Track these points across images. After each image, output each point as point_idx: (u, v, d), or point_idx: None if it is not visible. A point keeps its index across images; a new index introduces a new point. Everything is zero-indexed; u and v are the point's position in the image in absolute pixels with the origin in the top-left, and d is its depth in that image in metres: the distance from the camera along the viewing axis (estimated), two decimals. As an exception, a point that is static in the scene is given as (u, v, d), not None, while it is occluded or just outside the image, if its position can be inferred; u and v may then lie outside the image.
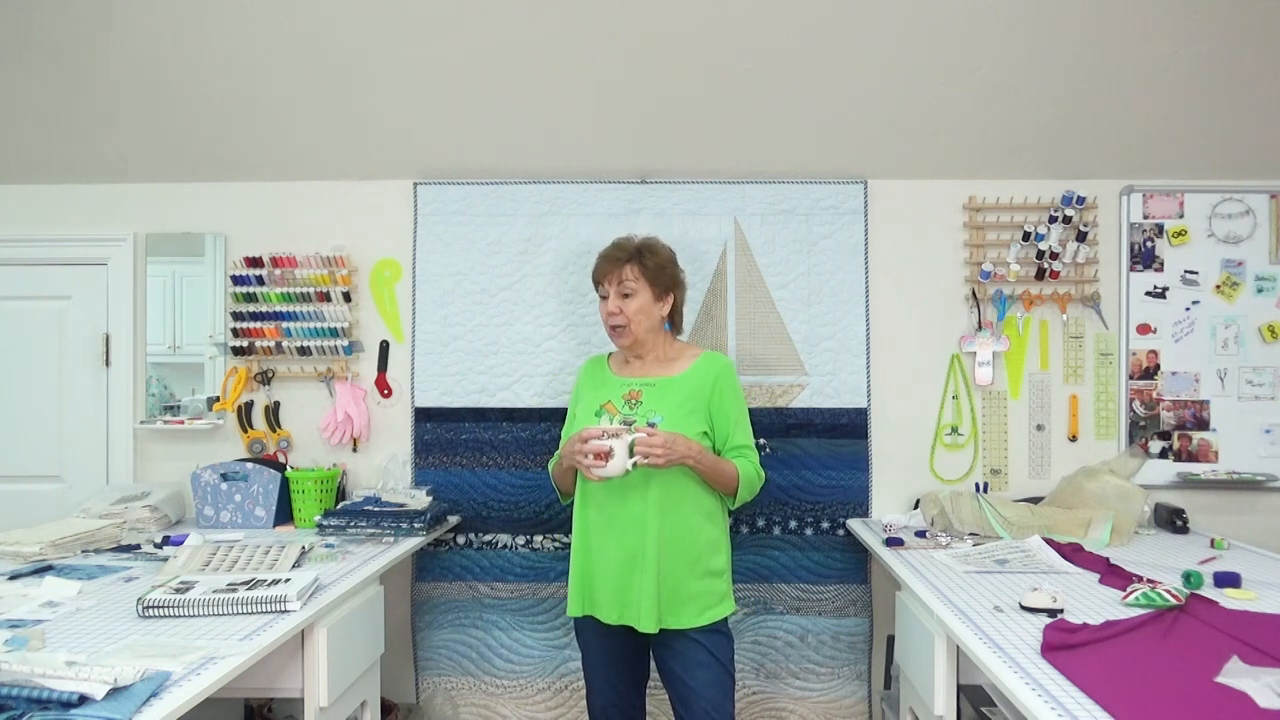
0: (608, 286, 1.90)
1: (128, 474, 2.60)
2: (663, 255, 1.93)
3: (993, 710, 1.85)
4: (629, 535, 1.77)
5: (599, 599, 1.81)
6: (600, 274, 1.92)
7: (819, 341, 2.53)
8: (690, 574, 1.78)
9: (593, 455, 1.68)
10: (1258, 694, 1.09)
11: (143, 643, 1.31)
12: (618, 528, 1.79)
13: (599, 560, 1.81)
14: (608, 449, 1.67)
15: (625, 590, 1.78)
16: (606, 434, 1.69)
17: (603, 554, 1.80)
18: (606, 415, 1.84)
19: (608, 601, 1.80)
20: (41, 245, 2.62)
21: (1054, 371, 2.56)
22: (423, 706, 2.54)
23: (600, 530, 1.81)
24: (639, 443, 1.69)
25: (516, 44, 2.19)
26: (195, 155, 2.53)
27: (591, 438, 1.69)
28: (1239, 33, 2.12)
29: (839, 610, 2.52)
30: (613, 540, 1.79)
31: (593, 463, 1.69)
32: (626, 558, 1.77)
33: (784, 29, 2.13)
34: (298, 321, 2.57)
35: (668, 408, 1.81)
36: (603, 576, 1.80)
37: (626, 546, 1.77)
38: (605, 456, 1.67)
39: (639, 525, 1.77)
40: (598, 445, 1.68)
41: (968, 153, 2.49)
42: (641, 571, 1.75)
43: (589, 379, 1.99)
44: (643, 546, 1.76)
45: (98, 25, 2.15)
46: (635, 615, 1.76)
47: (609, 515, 1.80)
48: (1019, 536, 2.16)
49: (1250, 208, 2.53)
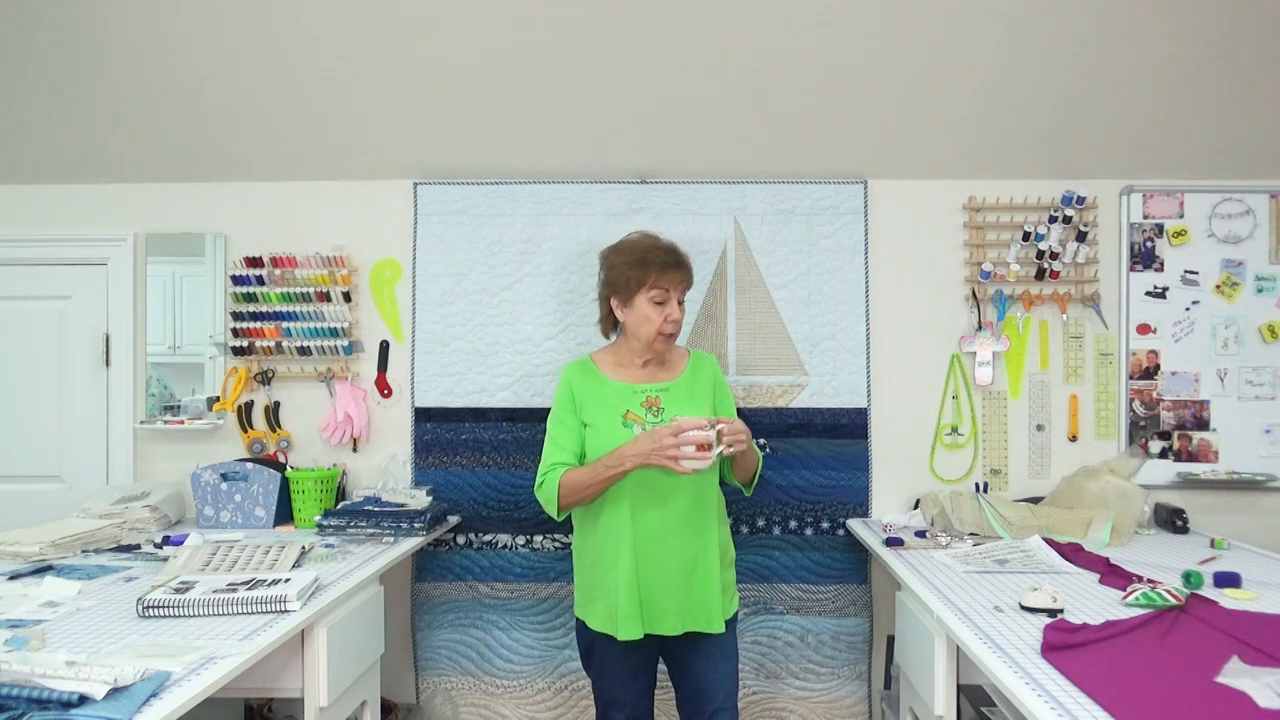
0: (670, 292, 1.83)
1: (128, 474, 2.60)
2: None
3: (993, 710, 1.85)
4: (686, 540, 1.77)
5: (662, 611, 1.76)
6: (663, 278, 1.82)
7: (819, 341, 2.53)
8: (729, 565, 1.87)
9: (695, 447, 1.64)
10: (1258, 694, 1.09)
11: (143, 643, 1.31)
12: (677, 532, 1.76)
13: (658, 571, 1.75)
14: (711, 439, 1.65)
15: (687, 596, 1.77)
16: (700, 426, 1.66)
17: (662, 564, 1.75)
18: (635, 425, 1.80)
19: (674, 611, 1.76)
20: (41, 245, 2.62)
21: (1054, 371, 2.56)
22: (423, 706, 2.54)
23: (656, 539, 1.76)
24: (726, 430, 1.68)
25: (516, 44, 2.19)
26: (195, 155, 2.53)
27: (690, 428, 1.65)
28: (1239, 33, 2.12)
29: (839, 610, 2.52)
30: (675, 545, 1.76)
31: (696, 454, 1.64)
32: (689, 561, 1.77)
33: (785, 29, 2.13)
34: (298, 321, 2.57)
35: (687, 411, 1.80)
36: (663, 587, 1.75)
37: (688, 551, 1.77)
38: (708, 447, 1.65)
39: (700, 526, 1.78)
40: (701, 436, 1.65)
41: (968, 153, 2.49)
42: (707, 571, 1.77)
43: (584, 386, 1.87)
44: (705, 546, 1.78)
45: (98, 25, 2.15)
46: (705, 618, 1.77)
47: (660, 524, 1.76)
48: (1019, 536, 2.16)
49: (1250, 208, 2.53)
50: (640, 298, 1.83)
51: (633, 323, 1.85)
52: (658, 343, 1.85)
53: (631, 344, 1.89)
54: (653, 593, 1.75)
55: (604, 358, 1.93)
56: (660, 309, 1.83)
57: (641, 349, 1.87)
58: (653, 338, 1.83)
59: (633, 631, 1.73)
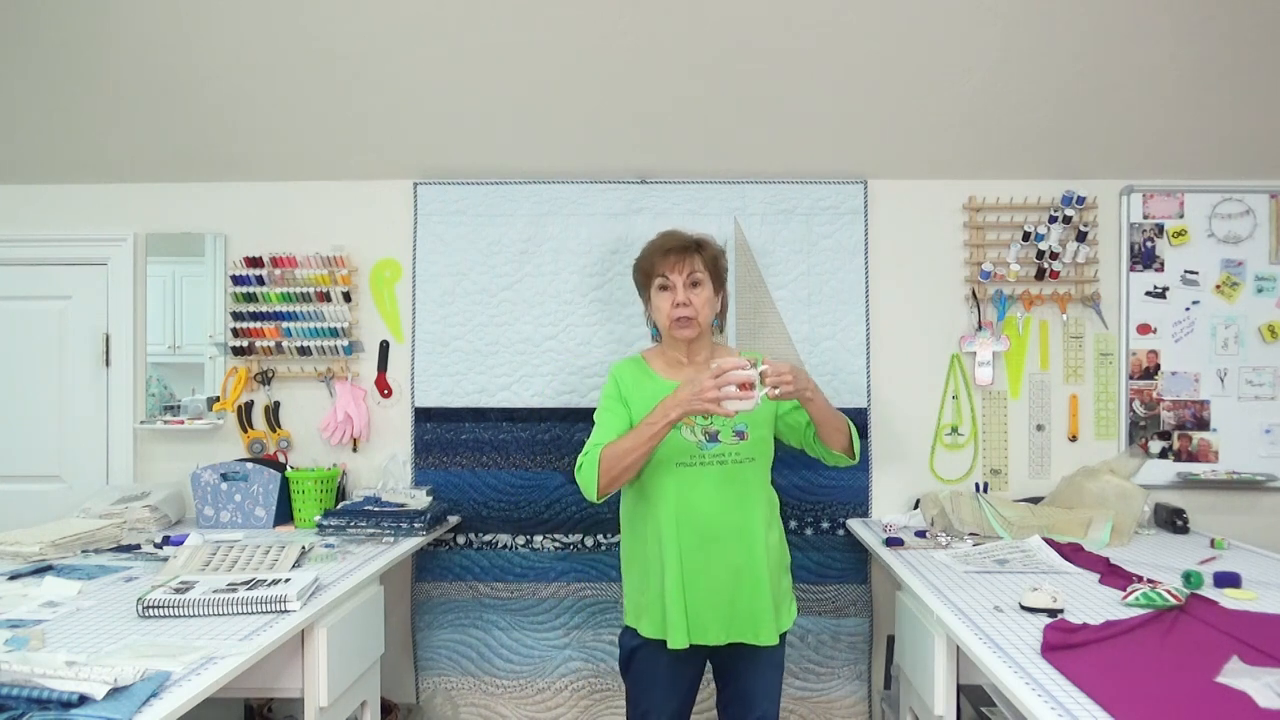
0: (673, 276, 1.77)
1: (128, 474, 2.60)
2: (717, 248, 1.87)
3: (993, 710, 1.85)
4: (737, 545, 1.70)
5: (705, 621, 1.70)
6: (663, 264, 1.78)
7: (819, 341, 2.53)
8: (786, 572, 1.82)
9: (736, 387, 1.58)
10: (1258, 694, 1.09)
11: (143, 643, 1.31)
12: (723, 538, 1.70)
13: (703, 578, 1.70)
14: (753, 379, 1.60)
15: (734, 605, 1.70)
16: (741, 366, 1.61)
17: (708, 570, 1.70)
18: (685, 427, 1.74)
19: (719, 621, 1.70)
20: (41, 245, 2.62)
21: (1054, 371, 2.56)
22: (423, 706, 2.54)
23: (701, 545, 1.70)
24: (769, 372, 1.61)
25: (516, 44, 2.18)
26: (195, 155, 2.53)
27: (732, 368, 1.58)
28: (1239, 33, 2.12)
29: (839, 610, 2.52)
30: (720, 552, 1.70)
31: (739, 394, 1.57)
32: (735, 570, 1.70)
33: (784, 29, 2.13)
34: (298, 321, 2.57)
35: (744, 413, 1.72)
36: (708, 595, 1.70)
37: (735, 558, 1.70)
38: (750, 386, 1.60)
39: (749, 533, 1.71)
40: (743, 375, 1.58)
41: (968, 153, 2.49)
42: (755, 581, 1.70)
43: (633, 383, 1.82)
44: (754, 554, 1.71)
45: (98, 25, 2.15)
46: (753, 629, 1.70)
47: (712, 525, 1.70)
48: (1019, 536, 2.16)
49: (1250, 208, 2.53)
50: (653, 290, 1.82)
51: (656, 319, 1.85)
52: (674, 330, 1.79)
53: (667, 341, 1.87)
54: (698, 602, 1.69)
55: (654, 356, 1.90)
56: (666, 295, 1.79)
57: (671, 343, 1.85)
58: (668, 327, 1.80)
59: (679, 641, 1.69)
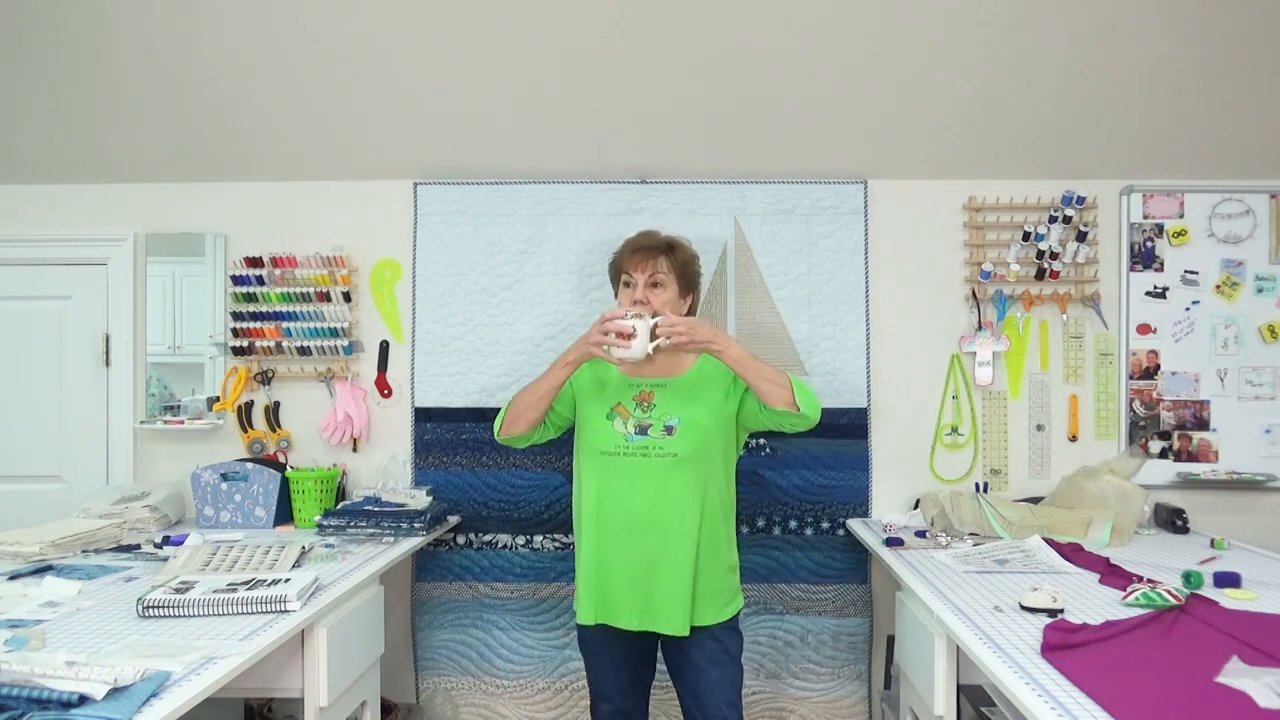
0: (636, 275, 1.81)
1: (128, 474, 2.60)
2: (689, 252, 1.90)
3: (993, 710, 1.85)
4: (651, 537, 1.72)
5: (618, 605, 1.74)
6: (629, 262, 1.83)
7: (819, 341, 2.53)
8: (714, 572, 1.78)
9: (615, 335, 1.66)
10: (1258, 694, 1.09)
11: (143, 643, 1.31)
12: (639, 529, 1.72)
13: (617, 565, 1.74)
14: (630, 329, 1.65)
15: (648, 594, 1.72)
16: (629, 315, 1.68)
17: (622, 558, 1.74)
18: (619, 418, 1.79)
19: (632, 608, 1.73)
20: (41, 245, 2.62)
21: (1054, 371, 2.56)
22: (423, 706, 2.54)
23: (618, 534, 1.74)
24: (661, 323, 1.67)
25: (516, 44, 2.19)
26: (195, 155, 2.53)
27: (615, 318, 1.67)
28: (1239, 33, 2.12)
29: (839, 610, 2.52)
30: (635, 542, 1.73)
31: (616, 342, 1.66)
32: (649, 561, 1.72)
33: (784, 29, 2.13)
34: (298, 321, 2.57)
35: (683, 408, 1.77)
36: (621, 581, 1.74)
37: (648, 549, 1.72)
38: (628, 336, 1.65)
39: (664, 526, 1.72)
40: (620, 325, 1.66)
41: (968, 153, 2.49)
42: (672, 574, 1.71)
43: (590, 375, 1.88)
44: (668, 548, 1.72)
45: (98, 25, 2.15)
46: (665, 619, 1.72)
47: (628, 515, 1.73)
48: (1019, 536, 2.16)
49: (1250, 208, 2.53)
50: (620, 287, 1.88)
51: None
52: None
53: None
54: (611, 586, 1.75)
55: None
56: (628, 292, 1.83)
57: None
58: None
59: (586, 616, 1.77)
